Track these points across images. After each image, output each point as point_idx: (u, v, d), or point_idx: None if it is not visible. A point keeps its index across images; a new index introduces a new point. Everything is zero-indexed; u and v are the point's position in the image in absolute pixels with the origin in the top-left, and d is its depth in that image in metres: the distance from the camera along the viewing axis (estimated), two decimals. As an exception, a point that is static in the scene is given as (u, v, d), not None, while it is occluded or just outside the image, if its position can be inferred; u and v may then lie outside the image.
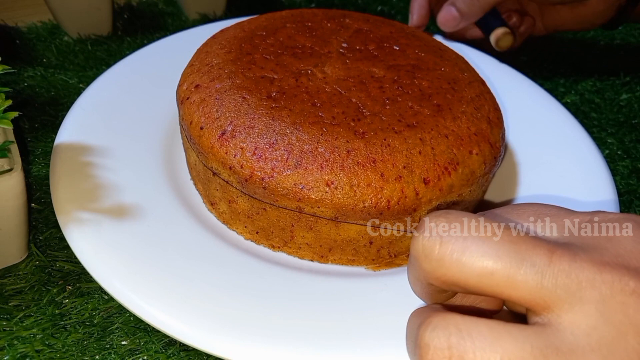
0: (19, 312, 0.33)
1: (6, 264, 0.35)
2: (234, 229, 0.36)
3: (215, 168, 0.34)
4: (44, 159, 0.43)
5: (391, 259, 0.36)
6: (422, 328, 0.22)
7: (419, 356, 0.21)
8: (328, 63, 0.39)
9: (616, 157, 0.50)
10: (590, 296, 0.20)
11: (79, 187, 0.35)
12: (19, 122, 0.46)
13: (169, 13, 0.64)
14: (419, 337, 0.21)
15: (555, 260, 0.21)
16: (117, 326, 0.32)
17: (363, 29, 0.43)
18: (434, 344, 0.21)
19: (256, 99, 0.35)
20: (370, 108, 0.35)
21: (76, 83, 0.51)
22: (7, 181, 0.31)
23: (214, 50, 0.39)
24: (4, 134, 0.34)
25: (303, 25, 0.42)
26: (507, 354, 0.20)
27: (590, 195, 0.40)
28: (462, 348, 0.20)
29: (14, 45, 0.56)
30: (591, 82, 0.60)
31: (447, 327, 0.21)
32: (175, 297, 0.30)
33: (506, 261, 0.21)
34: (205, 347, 0.28)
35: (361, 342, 0.29)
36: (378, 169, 0.32)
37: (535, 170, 0.42)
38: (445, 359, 0.20)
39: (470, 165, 0.34)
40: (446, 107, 0.36)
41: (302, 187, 0.32)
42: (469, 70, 0.41)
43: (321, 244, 0.35)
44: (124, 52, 0.56)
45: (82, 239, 0.32)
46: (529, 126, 0.46)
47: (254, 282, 0.32)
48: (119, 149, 0.39)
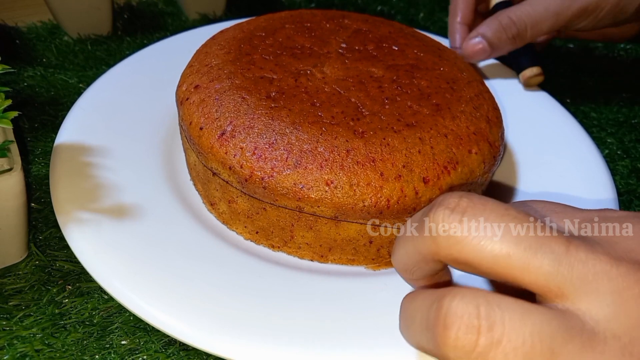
0: (18, 312, 0.33)
1: (6, 263, 0.35)
2: (233, 229, 0.36)
3: (215, 168, 0.34)
4: (43, 159, 0.43)
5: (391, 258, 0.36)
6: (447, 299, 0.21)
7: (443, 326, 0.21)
8: (327, 63, 0.39)
9: (616, 157, 0.50)
10: (606, 287, 0.20)
11: (79, 187, 0.35)
12: (19, 121, 0.46)
13: (169, 13, 0.64)
14: (445, 308, 0.21)
15: (573, 250, 0.21)
16: (117, 326, 0.33)
17: (362, 29, 0.43)
18: (461, 313, 0.20)
19: (255, 99, 0.35)
20: (370, 108, 0.35)
21: (76, 83, 0.51)
22: (7, 181, 0.31)
23: (213, 51, 0.39)
24: (3, 133, 0.34)
25: (302, 25, 0.42)
26: (537, 328, 0.20)
27: (591, 195, 0.40)
28: (492, 319, 0.20)
29: (14, 45, 0.56)
30: (591, 81, 0.60)
31: (475, 298, 0.21)
32: (175, 296, 0.30)
33: (524, 246, 0.21)
34: (205, 347, 0.28)
35: (361, 342, 0.29)
36: (378, 168, 0.32)
37: (535, 170, 0.42)
38: (474, 328, 0.20)
39: (469, 165, 0.34)
40: (445, 107, 0.36)
41: (302, 186, 0.32)
42: (468, 70, 0.41)
43: (321, 244, 0.35)
44: (124, 52, 0.56)
45: (81, 239, 0.32)
46: (529, 126, 0.46)
47: (253, 282, 0.32)
48: (119, 150, 0.39)
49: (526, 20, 0.46)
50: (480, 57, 0.47)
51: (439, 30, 0.66)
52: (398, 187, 0.32)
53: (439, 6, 0.71)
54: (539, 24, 0.46)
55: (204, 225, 0.36)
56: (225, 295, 0.31)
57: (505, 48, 0.47)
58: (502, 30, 0.46)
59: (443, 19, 0.69)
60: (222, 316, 0.30)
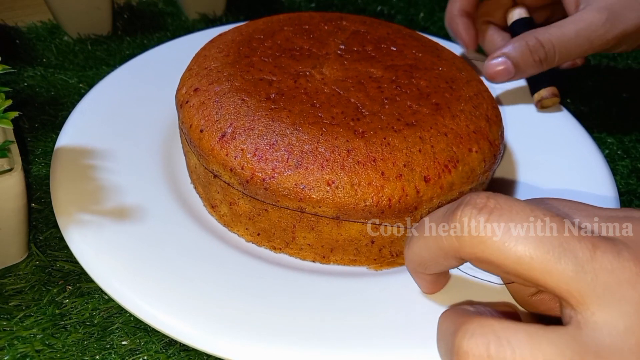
0: (19, 312, 0.33)
1: (6, 263, 0.35)
2: (235, 231, 0.36)
3: (216, 170, 0.34)
4: (44, 159, 0.43)
5: (393, 258, 0.36)
6: (459, 335, 0.21)
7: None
8: (326, 64, 0.39)
9: (616, 156, 0.50)
10: (630, 297, 0.20)
11: (79, 189, 0.36)
12: (19, 121, 0.46)
13: (169, 13, 0.64)
14: (457, 344, 0.21)
15: (599, 256, 0.21)
16: (118, 326, 0.33)
17: (360, 30, 0.43)
18: (472, 352, 0.21)
19: (255, 101, 0.35)
20: (369, 108, 0.35)
21: (76, 83, 0.51)
22: (7, 181, 0.31)
23: (212, 54, 0.39)
24: (4, 133, 0.34)
25: (300, 27, 0.42)
26: None
27: (591, 194, 0.40)
28: (502, 356, 0.20)
29: (14, 45, 0.56)
30: (591, 81, 0.60)
31: (485, 335, 0.21)
32: (175, 297, 0.30)
33: (548, 249, 0.21)
34: (205, 348, 0.28)
35: (364, 342, 0.29)
36: (378, 168, 0.32)
37: (535, 170, 0.42)
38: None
39: (470, 163, 0.34)
40: (445, 106, 0.36)
41: (303, 187, 0.32)
42: (467, 69, 0.41)
43: (323, 245, 0.35)
44: (124, 52, 0.56)
45: (82, 241, 0.32)
46: (529, 126, 0.46)
47: (254, 283, 0.32)
48: (119, 153, 0.39)
49: (555, 43, 0.42)
50: (503, 78, 0.44)
51: (439, 30, 0.66)
52: (399, 186, 0.32)
53: (439, 6, 0.71)
54: (568, 49, 0.42)
55: (204, 228, 0.36)
56: (226, 296, 0.31)
57: (529, 71, 0.44)
58: (528, 52, 0.43)
59: (443, 19, 0.69)
60: (222, 317, 0.30)
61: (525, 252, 0.21)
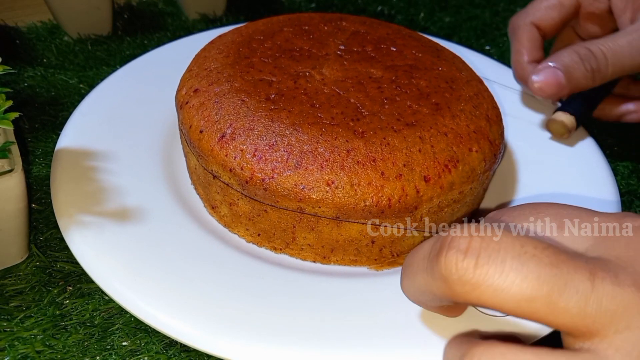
0: (19, 313, 0.33)
1: (7, 264, 0.35)
2: (235, 232, 0.36)
3: (216, 171, 0.34)
4: (44, 159, 0.43)
5: (393, 258, 0.36)
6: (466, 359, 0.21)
7: None
8: (326, 65, 0.39)
9: (617, 157, 0.50)
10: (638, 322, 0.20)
11: (80, 191, 0.36)
12: (19, 122, 0.46)
13: (169, 13, 0.64)
14: None
15: (598, 283, 0.20)
16: (118, 327, 0.33)
17: (360, 31, 0.43)
18: None
19: (255, 102, 0.35)
20: (369, 108, 0.35)
21: (76, 83, 0.51)
22: (8, 182, 0.31)
23: (212, 55, 0.39)
24: (4, 134, 0.34)
25: (300, 28, 0.42)
26: None
27: (591, 194, 0.40)
28: None
29: (14, 45, 0.56)
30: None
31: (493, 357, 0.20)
32: (176, 298, 0.30)
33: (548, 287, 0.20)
34: (206, 348, 0.29)
35: (364, 342, 0.29)
36: (378, 168, 0.32)
37: (535, 170, 0.42)
38: None
39: (470, 163, 0.34)
40: (445, 106, 0.36)
41: (303, 187, 0.32)
42: (467, 69, 0.41)
43: (323, 245, 0.35)
44: (124, 52, 0.56)
45: (82, 242, 0.32)
46: (529, 126, 0.46)
47: (255, 283, 0.32)
48: (119, 154, 0.39)
49: (607, 53, 0.39)
50: (552, 89, 0.39)
51: (439, 31, 0.66)
52: (399, 186, 0.32)
53: (439, 6, 0.71)
54: (621, 60, 0.39)
55: (205, 228, 0.36)
56: (227, 296, 0.31)
57: (581, 83, 0.39)
58: (579, 59, 0.39)
59: (443, 19, 0.69)
60: (223, 317, 0.30)
61: (524, 294, 0.20)
